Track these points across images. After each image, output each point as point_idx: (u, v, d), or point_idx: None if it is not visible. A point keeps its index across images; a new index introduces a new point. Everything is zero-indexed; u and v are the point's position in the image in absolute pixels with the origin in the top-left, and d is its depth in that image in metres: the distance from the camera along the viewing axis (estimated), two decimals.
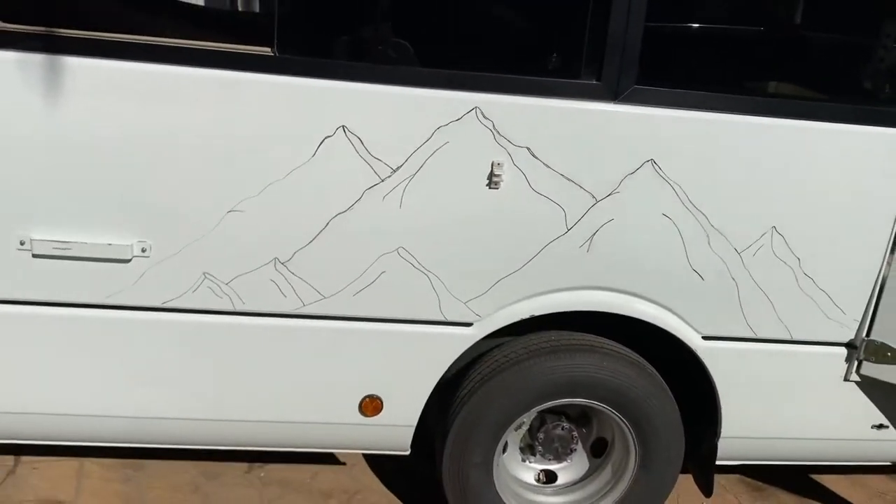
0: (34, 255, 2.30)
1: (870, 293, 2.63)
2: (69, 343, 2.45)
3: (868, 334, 2.67)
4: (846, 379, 2.75)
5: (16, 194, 2.25)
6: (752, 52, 2.55)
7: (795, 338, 2.67)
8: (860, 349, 2.68)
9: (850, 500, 3.53)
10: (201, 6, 3.90)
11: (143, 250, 2.33)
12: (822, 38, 2.59)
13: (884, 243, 2.57)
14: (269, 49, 2.22)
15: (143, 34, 2.22)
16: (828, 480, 3.63)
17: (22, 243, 2.29)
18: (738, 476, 3.59)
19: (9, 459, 3.15)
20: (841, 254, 2.58)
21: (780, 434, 2.84)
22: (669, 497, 2.98)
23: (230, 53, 2.22)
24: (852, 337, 2.69)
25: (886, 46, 2.54)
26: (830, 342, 2.70)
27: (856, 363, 2.71)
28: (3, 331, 2.41)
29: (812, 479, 3.63)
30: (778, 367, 2.72)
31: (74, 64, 2.15)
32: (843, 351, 2.72)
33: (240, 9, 4.31)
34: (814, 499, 3.54)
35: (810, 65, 2.59)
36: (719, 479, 3.38)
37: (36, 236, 2.28)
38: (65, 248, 2.29)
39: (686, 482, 3.17)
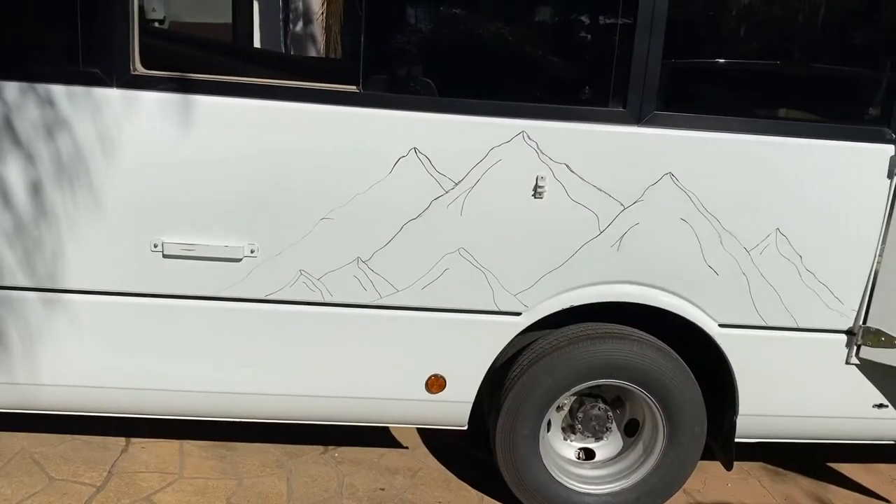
0: (164, 256, 2.84)
1: (864, 285, 3.03)
2: (188, 330, 2.96)
3: (864, 322, 3.06)
4: (847, 362, 3.14)
5: (152, 206, 2.79)
6: (755, 81, 3.01)
7: (801, 326, 3.08)
8: (858, 335, 3.08)
9: (864, 484, 3.86)
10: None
11: (252, 251, 2.86)
12: (813, 68, 3.07)
13: (874, 242, 2.98)
14: (355, 87, 2.75)
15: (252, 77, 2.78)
16: (843, 467, 3.96)
17: (155, 246, 2.82)
18: (760, 463, 3.95)
19: (121, 440, 3.67)
20: (838, 251, 3.00)
21: (791, 412, 3.23)
22: (697, 479, 3.34)
23: (326, 91, 2.75)
24: (851, 324, 3.09)
25: (868, 76, 3.00)
26: (832, 329, 3.10)
27: (855, 348, 3.10)
28: (138, 319, 2.94)
29: (828, 466, 3.97)
30: (787, 352, 3.13)
31: (200, 101, 2.70)
32: (844, 337, 3.12)
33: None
34: (830, 482, 3.86)
35: (804, 91, 3.05)
36: (742, 465, 3.78)
37: (167, 240, 2.82)
38: (189, 250, 2.82)
39: (713, 467, 3.57)
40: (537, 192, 2.84)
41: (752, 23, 3.06)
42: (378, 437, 3.78)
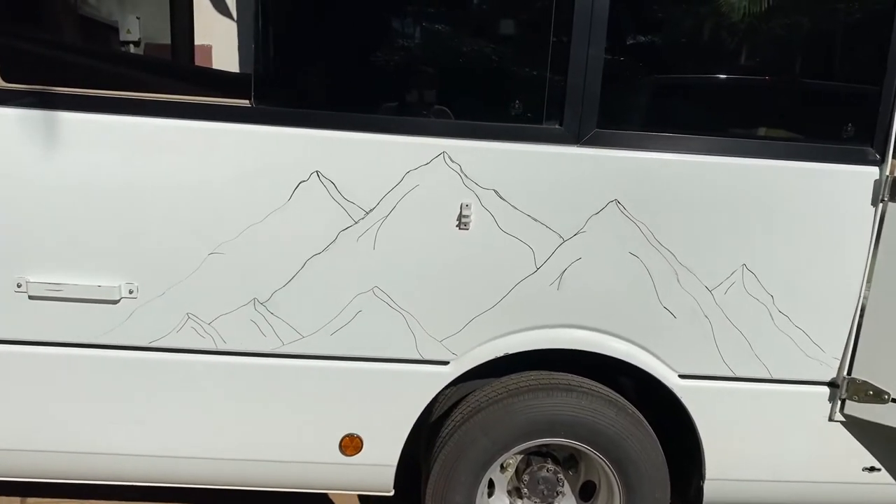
0: (30, 297, 2.45)
1: (848, 330, 2.61)
2: (60, 381, 2.56)
3: (849, 372, 2.64)
4: (831, 419, 2.71)
5: (14, 239, 2.41)
6: (716, 95, 2.62)
7: (775, 377, 2.66)
8: (842, 387, 2.65)
9: None
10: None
11: (131, 292, 2.47)
12: (784, 80, 2.65)
13: (858, 279, 2.57)
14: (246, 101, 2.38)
15: (133, 91, 2.41)
16: None
17: (19, 286, 2.44)
18: None
19: (15, 500, 3.26)
20: (816, 290, 2.58)
21: (768, 476, 2.79)
22: None
23: (212, 106, 2.38)
24: (833, 375, 2.67)
25: (846, 89, 2.59)
26: (811, 381, 2.67)
27: (839, 402, 2.68)
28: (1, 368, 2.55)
29: None
30: (760, 407, 2.70)
31: (68, 118, 2.33)
32: (826, 390, 2.69)
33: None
34: None
35: (774, 107, 2.64)
36: None
37: (31, 278, 2.43)
38: (57, 290, 2.43)
39: None
40: (462, 222, 2.45)
41: (717, 26, 2.67)
42: (306, 494, 3.35)
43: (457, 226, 2.46)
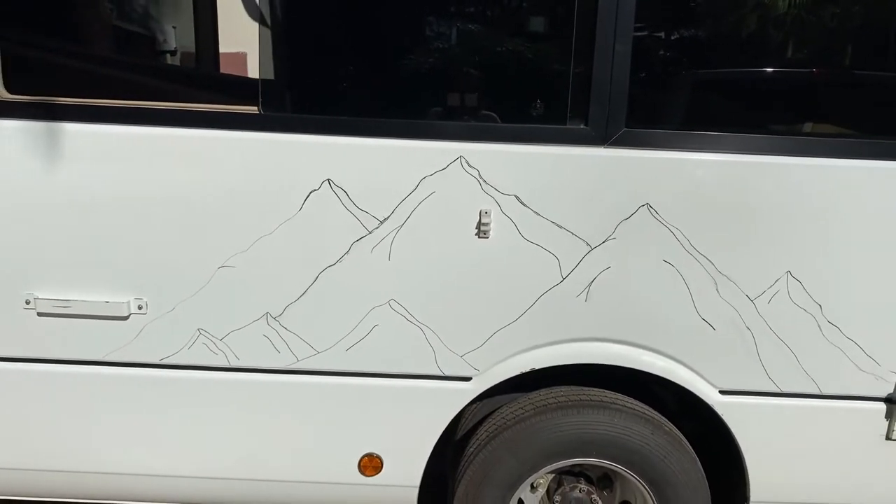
0: (39, 314, 2.39)
1: None
2: (71, 399, 2.49)
3: None
4: (889, 438, 2.50)
5: (23, 254, 2.35)
6: (755, 89, 2.42)
7: (825, 392, 2.45)
8: None
9: None
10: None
11: (140, 307, 2.38)
12: (834, 72, 2.44)
13: None
14: (255, 108, 2.27)
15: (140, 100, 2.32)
16: None
17: (27, 303, 2.38)
18: None
19: None
20: (869, 298, 2.37)
21: (817, 499, 2.58)
22: None
23: (217, 113, 2.28)
24: (891, 391, 2.45)
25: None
26: (866, 396, 2.46)
27: None
28: (11, 387, 2.49)
29: None
30: (809, 425, 2.50)
31: (73, 130, 2.26)
32: (882, 406, 2.47)
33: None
34: None
35: (819, 101, 2.43)
36: None
37: (40, 295, 2.37)
38: (65, 306, 2.36)
39: None
40: (481, 230, 2.31)
41: (754, 15, 2.47)
42: None
43: (476, 234, 2.32)
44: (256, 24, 2.24)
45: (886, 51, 2.46)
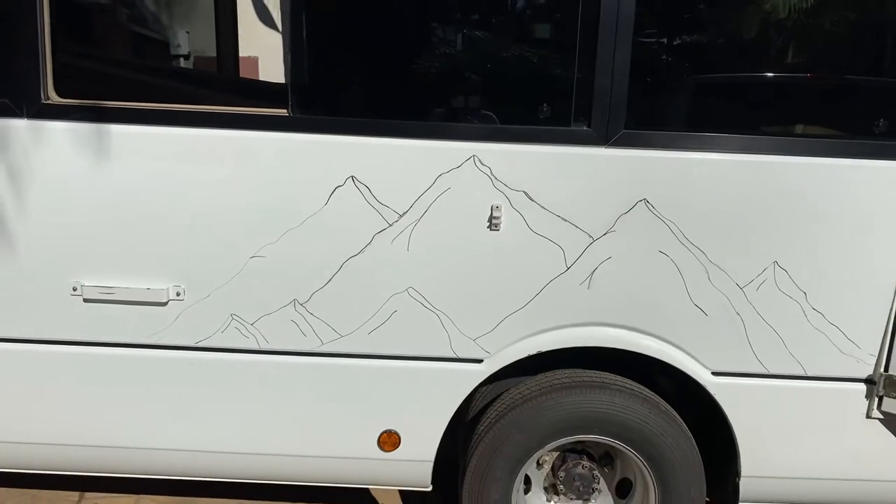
0: (85, 300, 2.59)
1: (884, 326, 2.59)
2: (114, 380, 2.70)
3: (886, 369, 2.62)
4: (868, 416, 2.69)
5: (70, 245, 2.55)
6: (741, 93, 2.62)
7: (810, 374, 2.65)
8: (879, 385, 2.63)
9: None
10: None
11: (178, 294, 2.59)
12: (819, 75, 2.65)
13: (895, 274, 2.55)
14: (284, 110, 2.48)
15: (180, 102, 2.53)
16: None
17: (74, 289, 2.58)
18: None
19: (74, 495, 3.43)
20: (850, 286, 2.57)
21: (804, 474, 2.78)
22: None
23: (251, 115, 2.48)
24: (870, 372, 2.65)
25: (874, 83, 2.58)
26: (847, 378, 2.66)
27: (876, 399, 2.66)
28: (60, 368, 2.69)
29: None
30: (795, 404, 2.69)
31: (118, 130, 2.47)
32: (863, 387, 2.67)
33: None
34: None
35: (806, 103, 2.63)
36: None
37: (86, 282, 2.57)
38: (109, 293, 2.57)
39: None
40: (493, 223, 2.51)
41: (748, 21, 2.67)
42: (348, 490, 3.44)
43: (488, 227, 2.52)
44: (269, 30, 2.42)
45: (868, 55, 2.66)
